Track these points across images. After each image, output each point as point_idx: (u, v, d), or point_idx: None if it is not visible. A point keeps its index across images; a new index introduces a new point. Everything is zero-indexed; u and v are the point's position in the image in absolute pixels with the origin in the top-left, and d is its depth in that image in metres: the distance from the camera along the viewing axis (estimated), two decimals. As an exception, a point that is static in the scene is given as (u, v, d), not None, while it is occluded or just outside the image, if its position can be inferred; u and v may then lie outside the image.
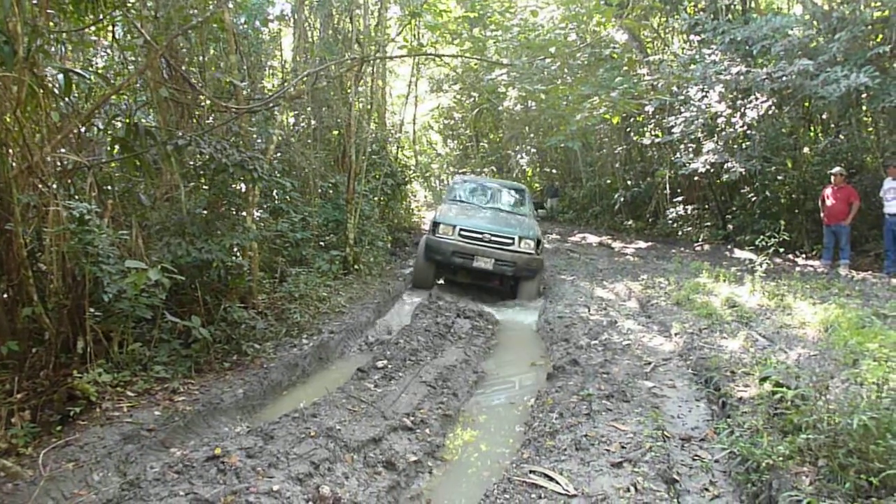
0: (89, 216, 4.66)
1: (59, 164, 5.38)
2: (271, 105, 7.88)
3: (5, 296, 4.75)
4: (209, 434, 4.51)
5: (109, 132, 6.26)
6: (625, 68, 18.21)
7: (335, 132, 13.09)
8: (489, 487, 3.80)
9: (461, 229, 10.55)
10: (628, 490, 3.74)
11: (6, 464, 3.49)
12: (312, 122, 12.26)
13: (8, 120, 4.57)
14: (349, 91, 11.67)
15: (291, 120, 12.25)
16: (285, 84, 9.44)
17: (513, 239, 10.50)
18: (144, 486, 3.34)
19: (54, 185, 4.87)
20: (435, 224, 10.75)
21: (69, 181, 5.66)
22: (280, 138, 9.41)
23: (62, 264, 4.86)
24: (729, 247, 16.87)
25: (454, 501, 4.06)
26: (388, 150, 16.14)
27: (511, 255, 10.38)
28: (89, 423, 4.24)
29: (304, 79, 8.91)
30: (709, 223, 19.36)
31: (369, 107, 13.25)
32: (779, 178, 16.03)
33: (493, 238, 10.49)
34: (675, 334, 7.86)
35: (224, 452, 3.81)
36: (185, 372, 5.43)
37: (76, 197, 5.20)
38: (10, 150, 4.74)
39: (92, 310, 4.95)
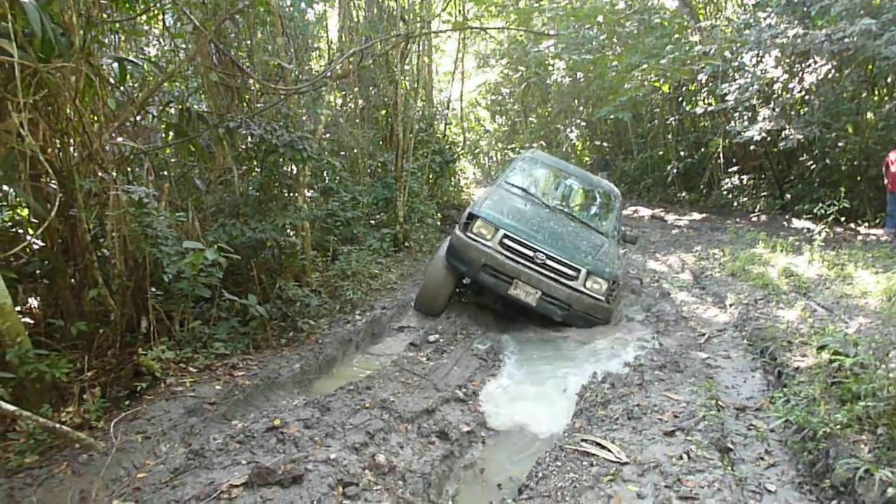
0: (147, 200, 4.83)
1: (117, 151, 5.57)
2: (318, 86, 7.97)
3: (72, 280, 4.98)
4: (268, 407, 4.66)
5: (163, 119, 6.44)
6: (675, 36, 17.75)
7: (382, 111, 13.13)
8: (541, 456, 3.84)
9: (506, 235, 6.99)
10: (681, 458, 3.73)
11: (81, 436, 3.68)
12: (360, 101, 12.32)
13: (68, 111, 4.75)
14: (395, 69, 11.70)
15: (339, 101, 12.36)
16: (331, 64, 9.53)
17: (577, 271, 6.93)
18: (208, 456, 3.49)
19: (113, 172, 5.04)
20: (470, 218, 7.20)
21: (127, 167, 5.87)
22: (328, 119, 9.52)
23: (124, 247, 5.06)
24: (786, 217, 16.40)
25: (507, 470, 4.12)
26: (436, 127, 16.13)
27: (567, 294, 6.86)
28: (155, 398, 4.43)
29: (350, 58, 8.97)
30: (765, 193, 18.83)
31: (416, 84, 13.25)
32: (839, 144, 15.46)
33: (549, 262, 6.91)
34: (730, 305, 7.73)
35: (283, 423, 3.94)
36: (244, 348, 5.60)
37: (134, 182, 5.39)
38: (71, 140, 4.93)
39: (153, 290, 5.15)
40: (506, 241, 6.94)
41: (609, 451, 3.84)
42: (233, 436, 3.73)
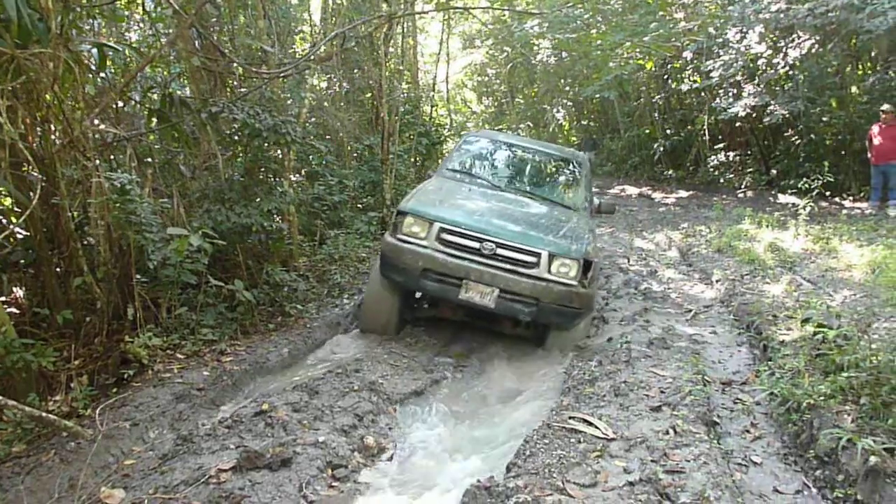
0: (130, 186, 4.79)
1: (99, 137, 5.52)
2: (302, 69, 7.91)
3: (58, 268, 4.95)
4: (256, 392, 4.67)
5: (146, 104, 6.38)
6: (660, 13, 17.68)
7: (367, 94, 13.06)
8: (528, 434, 3.87)
9: (444, 228, 5.64)
10: (667, 433, 3.77)
11: (68, 424, 3.67)
12: (344, 84, 12.25)
13: (47, 97, 4.69)
14: (379, 51, 11.62)
15: (323, 84, 12.28)
16: (314, 47, 9.45)
17: (537, 255, 5.58)
18: (197, 441, 3.50)
19: (96, 159, 5.00)
20: (399, 216, 5.86)
21: (110, 154, 5.82)
22: (313, 102, 9.47)
23: (108, 235, 5.02)
24: (773, 192, 16.47)
25: (496, 447, 4.14)
26: (422, 109, 16.05)
27: (531, 286, 5.52)
28: (143, 385, 4.42)
29: (333, 41, 8.90)
30: (751, 169, 18.88)
31: (401, 67, 13.17)
32: (824, 119, 15.49)
33: (501, 251, 5.57)
34: (717, 281, 7.80)
35: (271, 408, 3.95)
36: (232, 334, 5.60)
37: (117, 169, 5.35)
38: (52, 126, 4.88)
39: (139, 277, 5.13)
40: (444, 235, 5.60)
41: (596, 427, 3.88)
42: (221, 421, 3.74)
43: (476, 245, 5.55)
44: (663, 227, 12.77)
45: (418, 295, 6.52)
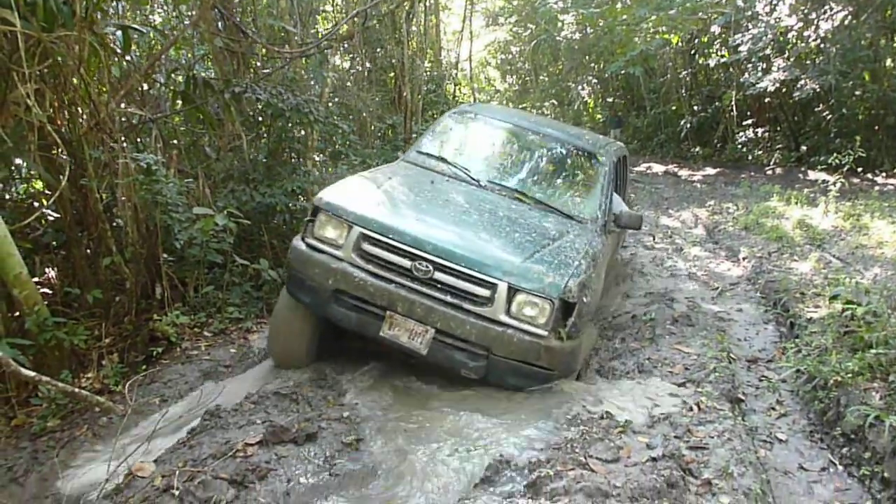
0: (156, 167, 4.86)
1: (125, 119, 5.59)
2: (324, 48, 7.91)
3: (87, 249, 5.05)
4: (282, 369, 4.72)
5: (170, 86, 6.43)
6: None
7: (390, 73, 13.02)
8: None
9: (365, 234, 4.01)
10: (691, 409, 3.76)
11: (100, 400, 3.76)
12: (367, 64, 12.22)
13: (74, 80, 4.75)
14: (401, 30, 11.57)
15: (346, 64, 12.26)
16: (336, 26, 9.43)
17: (492, 287, 3.86)
18: (224, 416, 3.56)
19: (122, 140, 5.07)
20: (313, 213, 4.22)
21: (136, 136, 5.90)
22: (335, 82, 9.47)
23: (136, 215, 5.11)
24: (802, 169, 16.20)
25: (517, 419, 4.13)
26: (445, 88, 15.97)
27: (480, 331, 3.84)
28: (171, 362, 4.52)
29: (355, 19, 8.88)
30: (780, 146, 18.57)
31: (423, 45, 13.10)
32: (856, 93, 15.17)
33: (441, 274, 3.90)
34: (744, 259, 7.72)
35: (297, 384, 4.00)
36: (258, 312, 5.67)
37: (143, 151, 5.42)
38: (79, 109, 4.95)
39: (166, 257, 5.22)
40: (366, 245, 3.96)
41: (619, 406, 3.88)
42: (248, 397, 3.80)
43: (407, 263, 3.87)
44: (689, 205, 12.63)
45: None
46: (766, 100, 18.07)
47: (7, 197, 5.42)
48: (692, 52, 21.91)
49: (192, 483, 2.76)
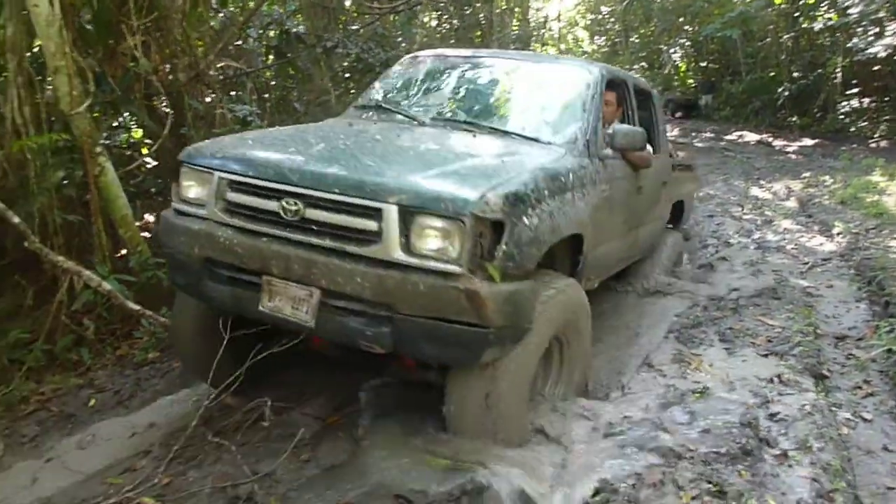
0: (251, 118, 5.04)
1: (221, 72, 5.80)
2: (413, 3, 7.93)
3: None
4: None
5: (263, 41, 6.61)
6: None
7: (477, 31, 12.94)
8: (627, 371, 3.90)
9: (228, 180, 3.02)
10: (772, 381, 3.70)
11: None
12: (455, 21, 12.17)
13: (176, 34, 4.96)
14: (491, -12, 11.46)
15: (434, 22, 12.25)
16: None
17: (375, 211, 2.65)
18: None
19: (219, 92, 5.27)
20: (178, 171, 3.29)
21: (231, 88, 6.11)
22: (423, 39, 9.48)
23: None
24: (911, 142, 15.25)
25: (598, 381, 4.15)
26: (533, 48, 15.77)
27: (374, 280, 2.64)
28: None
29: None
30: (888, 117, 17.49)
31: (511, 4, 12.94)
32: (977, 61, 14.10)
33: (315, 210, 2.77)
34: (838, 234, 7.40)
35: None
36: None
37: (237, 103, 5.62)
38: (180, 61, 5.18)
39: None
40: (231, 194, 3.01)
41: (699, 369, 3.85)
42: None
43: (274, 205, 2.87)
44: (782, 177, 12.13)
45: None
46: (876, 67, 16.99)
47: (111, 144, 5.75)
48: (796, 13, 20.73)
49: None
